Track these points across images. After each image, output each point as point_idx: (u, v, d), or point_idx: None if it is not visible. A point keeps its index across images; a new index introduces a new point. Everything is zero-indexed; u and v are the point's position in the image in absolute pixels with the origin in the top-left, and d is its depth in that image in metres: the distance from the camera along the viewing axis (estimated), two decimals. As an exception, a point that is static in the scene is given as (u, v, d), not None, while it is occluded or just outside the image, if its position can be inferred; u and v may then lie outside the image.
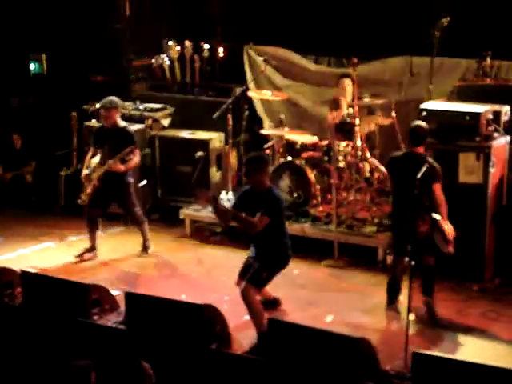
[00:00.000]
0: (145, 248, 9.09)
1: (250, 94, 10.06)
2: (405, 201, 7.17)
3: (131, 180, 8.95)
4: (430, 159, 7.33)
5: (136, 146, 8.83)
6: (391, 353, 6.49)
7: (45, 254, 9.14)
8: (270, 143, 9.72)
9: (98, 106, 9.51)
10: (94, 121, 10.26)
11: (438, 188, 7.15)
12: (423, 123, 7.51)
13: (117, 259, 8.99)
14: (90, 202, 8.88)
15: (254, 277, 7.02)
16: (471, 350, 6.79)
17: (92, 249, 8.98)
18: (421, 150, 7.36)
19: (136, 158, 8.87)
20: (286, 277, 7.56)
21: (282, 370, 6.03)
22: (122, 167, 8.73)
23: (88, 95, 10.66)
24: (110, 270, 8.70)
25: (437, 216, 7.08)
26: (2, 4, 11.16)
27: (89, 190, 8.84)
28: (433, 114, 8.05)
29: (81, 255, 8.91)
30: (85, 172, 8.91)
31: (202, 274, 8.50)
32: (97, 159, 8.88)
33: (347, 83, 9.30)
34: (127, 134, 8.83)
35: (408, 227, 6.95)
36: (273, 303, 7.56)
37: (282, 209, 7.17)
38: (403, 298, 7.24)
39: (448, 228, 7.05)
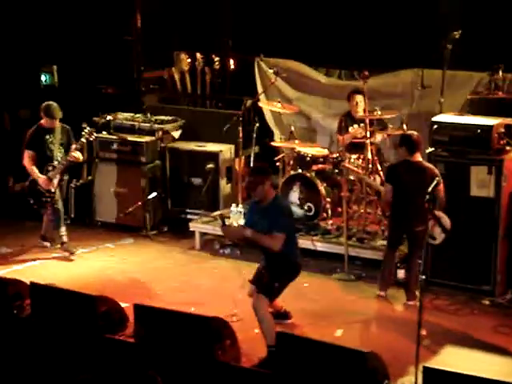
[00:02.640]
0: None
1: (261, 104, 10.06)
2: (404, 204, 7.75)
3: None
4: (428, 164, 7.77)
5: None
6: (402, 367, 6.44)
7: (54, 265, 9.12)
8: (280, 155, 9.70)
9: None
10: (104, 132, 10.26)
11: (441, 187, 7.49)
12: (415, 132, 7.91)
13: (126, 271, 8.97)
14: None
15: (265, 288, 6.98)
16: (482, 365, 6.72)
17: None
18: (418, 157, 7.78)
19: None
20: (296, 290, 7.52)
21: (290, 383, 5.98)
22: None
23: (99, 107, 10.68)
24: (120, 281, 8.68)
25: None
26: (14, 16, 11.21)
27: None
28: (444, 127, 8.02)
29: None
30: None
31: (211, 286, 8.47)
32: None
33: (359, 99, 9.28)
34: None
35: (405, 226, 7.82)
36: (283, 316, 7.52)
37: (289, 218, 7.15)
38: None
39: (446, 217, 7.45)
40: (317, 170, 9.33)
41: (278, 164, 9.65)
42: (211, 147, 10.17)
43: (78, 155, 9.20)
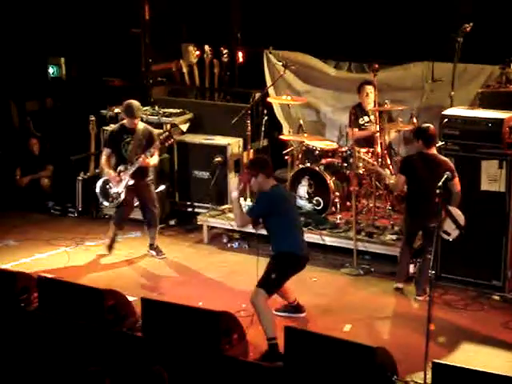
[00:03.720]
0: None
1: (270, 99, 10.01)
2: (420, 199, 7.69)
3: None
4: (443, 157, 7.72)
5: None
6: (411, 363, 6.39)
7: (61, 258, 9.09)
8: (289, 149, 9.65)
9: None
10: (112, 125, 10.21)
11: (456, 181, 7.48)
12: (431, 125, 7.85)
13: (134, 264, 8.94)
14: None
15: (263, 280, 6.85)
16: (492, 360, 6.67)
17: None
18: (433, 150, 7.74)
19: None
20: (305, 284, 7.49)
21: (298, 378, 5.95)
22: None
23: (106, 99, 10.64)
24: (127, 275, 8.65)
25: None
26: (22, 8, 11.18)
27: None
28: (455, 121, 7.96)
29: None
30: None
31: (219, 280, 8.43)
32: None
33: (369, 90, 9.22)
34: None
35: (421, 222, 7.72)
36: (296, 309, 7.46)
37: (277, 204, 6.98)
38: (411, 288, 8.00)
39: (461, 214, 7.43)
40: (325, 163, 9.28)
41: (286, 157, 9.60)
42: (219, 140, 10.12)
43: (149, 161, 8.78)
